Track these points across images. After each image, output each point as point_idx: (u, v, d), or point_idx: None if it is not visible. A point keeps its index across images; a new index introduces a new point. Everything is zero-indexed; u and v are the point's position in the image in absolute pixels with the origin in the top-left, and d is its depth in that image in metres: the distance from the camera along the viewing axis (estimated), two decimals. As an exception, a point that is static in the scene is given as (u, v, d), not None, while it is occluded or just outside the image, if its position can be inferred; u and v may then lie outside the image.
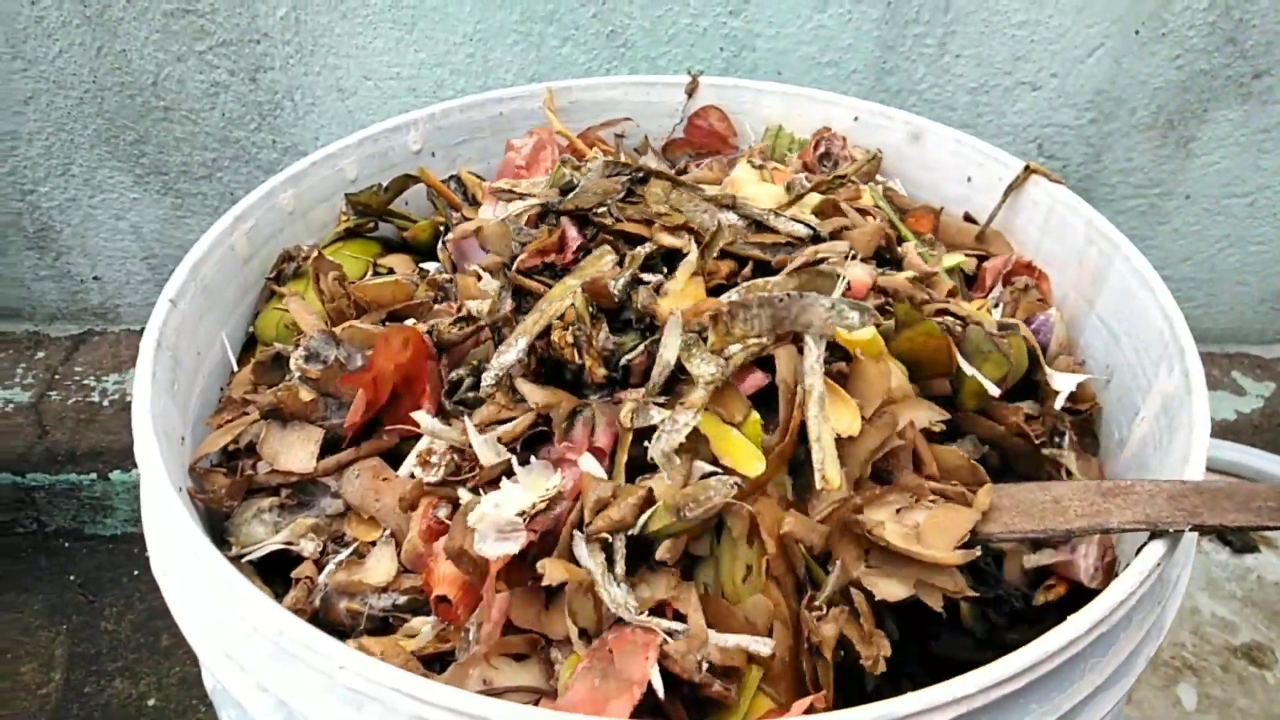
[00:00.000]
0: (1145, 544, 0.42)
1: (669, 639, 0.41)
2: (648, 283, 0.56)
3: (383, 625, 0.49)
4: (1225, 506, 0.45)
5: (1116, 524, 0.44)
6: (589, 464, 0.47)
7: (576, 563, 0.44)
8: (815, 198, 0.63)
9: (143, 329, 0.52)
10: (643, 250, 0.57)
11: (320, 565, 0.51)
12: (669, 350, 0.50)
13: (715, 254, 0.58)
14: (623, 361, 0.53)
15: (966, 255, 0.68)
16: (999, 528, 0.47)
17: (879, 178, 0.72)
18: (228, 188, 1.18)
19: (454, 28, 1.03)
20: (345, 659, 0.36)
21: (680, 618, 0.43)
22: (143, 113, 1.12)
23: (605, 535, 0.44)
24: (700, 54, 1.05)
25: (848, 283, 0.53)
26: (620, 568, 0.44)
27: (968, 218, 0.70)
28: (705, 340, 0.50)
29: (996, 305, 0.63)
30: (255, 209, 0.62)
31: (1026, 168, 0.65)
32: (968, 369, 0.51)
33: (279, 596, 0.50)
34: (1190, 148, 1.15)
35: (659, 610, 0.43)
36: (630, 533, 0.44)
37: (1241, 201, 1.19)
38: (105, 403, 1.19)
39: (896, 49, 1.06)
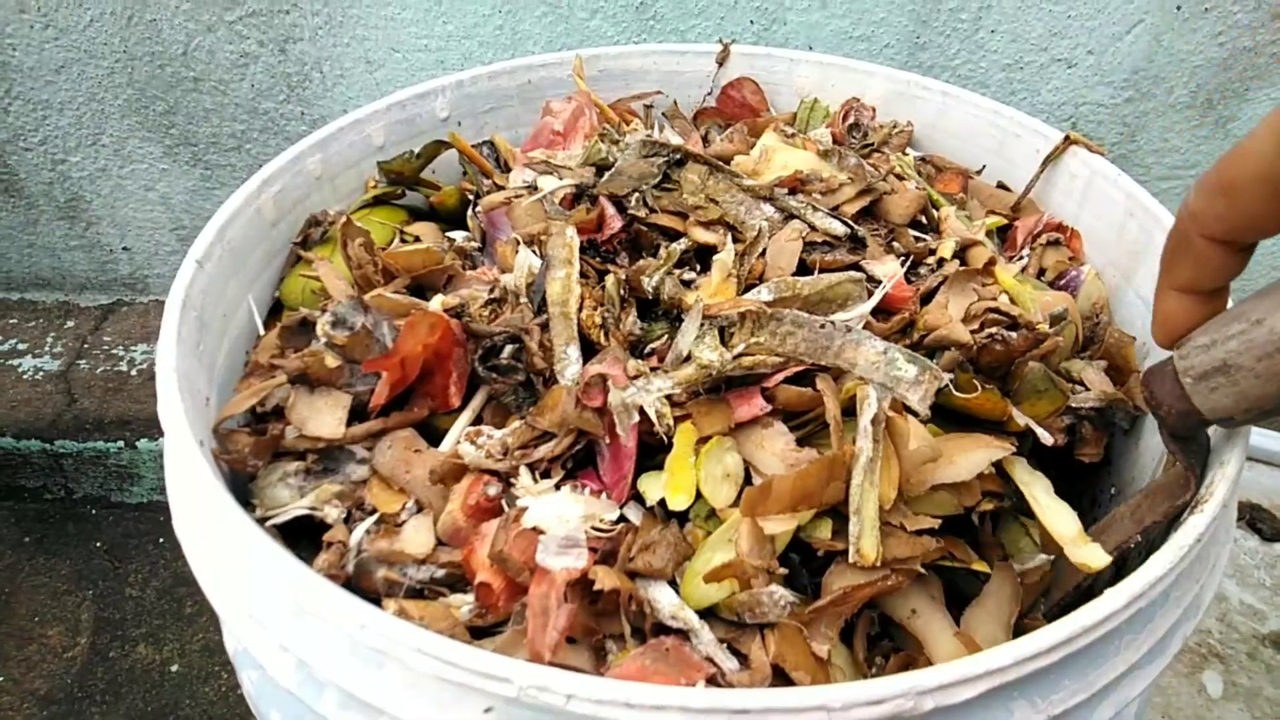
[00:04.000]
0: (1186, 518, 0.41)
1: (728, 670, 0.41)
2: (683, 279, 0.55)
3: (418, 597, 0.49)
4: (1158, 501, 0.46)
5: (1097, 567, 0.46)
6: (633, 513, 0.47)
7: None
8: (851, 160, 0.62)
9: (170, 301, 0.52)
10: (678, 247, 0.57)
11: (349, 530, 0.51)
12: (685, 338, 0.49)
13: (755, 258, 0.57)
14: (648, 349, 0.52)
15: (999, 216, 0.66)
16: None
17: (909, 150, 0.70)
18: (256, 159, 1.18)
19: (483, -1, 1.03)
20: (367, 617, 0.36)
21: (736, 652, 0.43)
22: (173, 83, 1.12)
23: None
24: (730, 27, 1.04)
25: (883, 292, 0.52)
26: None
27: (1001, 186, 0.69)
28: (728, 337, 0.49)
29: (1023, 266, 0.61)
30: (282, 173, 0.61)
31: (1066, 138, 0.63)
32: (1020, 420, 0.51)
33: (304, 562, 0.50)
34: (1229, 128, 1.12)
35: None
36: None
37: (1282, 184, 1.16)
38: (133, 372, 1.20)
39: (930, 24, 1.04)
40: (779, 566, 0.43)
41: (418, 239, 0.65)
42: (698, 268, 0.57)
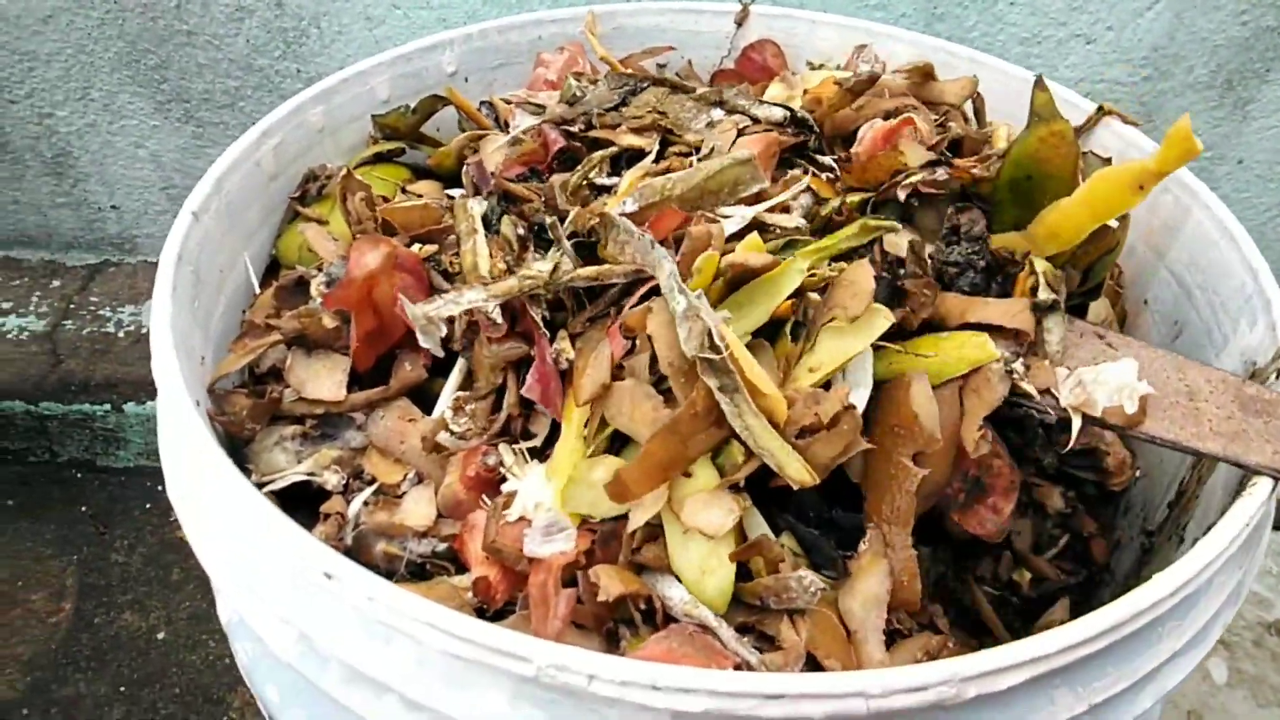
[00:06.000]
0: (1232, 502, 0.39)
1: (754, 664, 0.39)
2: (607, 188, 0.53)
3: (419, 572, 0.47)
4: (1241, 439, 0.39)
5: (1254, 463, 0.39)
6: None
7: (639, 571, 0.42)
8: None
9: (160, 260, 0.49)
10: (599, 154, 0.54)
11: (347, 501, 0.48)
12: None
13: (681, 151, 0.54)
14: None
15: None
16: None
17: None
18: (250, 117, 1.14)
19: (488, -45, 0.99)
20: (375, 590, 0.34)
21: (766, 636, 0.41)
22: (165, 36, 1.08)
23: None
24: (744, -10, 1.01)
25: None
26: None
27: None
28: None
29: None
30: (282, 125, 0.58)
31: (1100, 108, 0.61)
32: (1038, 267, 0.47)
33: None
34: (1248, 110, 1.10)
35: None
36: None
37: (1297, 168, 1.15)
38: (120, 334, 1.17)
39: (948, -7, 1.01)
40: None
41: (419, 197, 0.62)
42: (623, 172, 0.54)
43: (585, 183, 0.53)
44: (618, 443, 0.44)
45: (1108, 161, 0.52)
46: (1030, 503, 0.53)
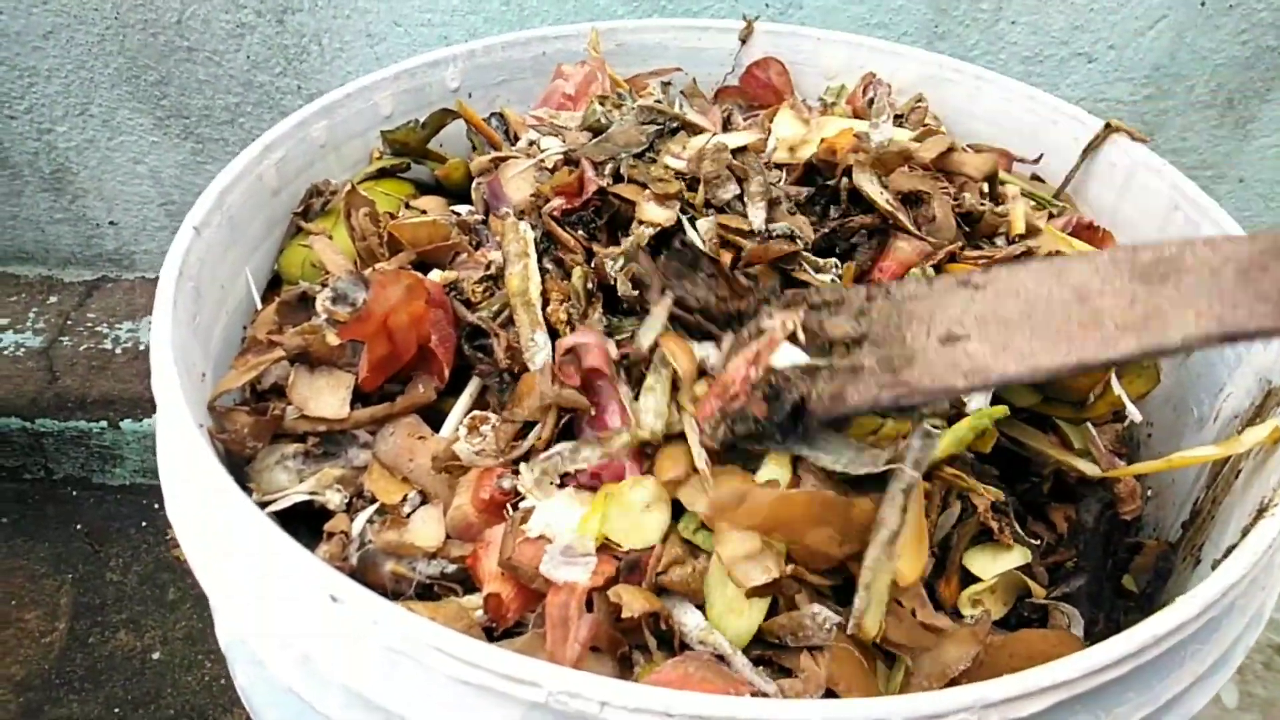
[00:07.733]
0: (1253, 523, 0.38)
1: (770, 693, 0.38)
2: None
3: (426, 593, 0.46)
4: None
5: (1179, 339, 0.31)
6: None
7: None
8: (900, 135, 0.58)
9: (159, 277, 0.48)
10: (646, 231, 0.52)
11: (350, 519, 0.47)
12: (647, 332, 0.47)
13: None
14: (617, 341, 0.49)
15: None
16: (1014, 364, 0.34)
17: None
18: (250, 133, 1.14)
19: (490, -28, 0.99)
20: (380, 613, 0.33)
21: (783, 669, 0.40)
22: (165, 52, 1.08)
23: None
24: (745, 8, 1.00)
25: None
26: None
27: (1035, 178, 0.66)
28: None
29: None
30: (286, 139, 0.58)
31: (1107, 125, 0.61)
32: (1117, 388, 0.48)
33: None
34: (1249, 129, 1.10)
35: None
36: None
37: (1298, 187, 1.15)
38: (118, 350, 1.17)
39: (950, 12, 1.01)
40: (810, 574, 0.40)
41: (424, 213, 0.62)
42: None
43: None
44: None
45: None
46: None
